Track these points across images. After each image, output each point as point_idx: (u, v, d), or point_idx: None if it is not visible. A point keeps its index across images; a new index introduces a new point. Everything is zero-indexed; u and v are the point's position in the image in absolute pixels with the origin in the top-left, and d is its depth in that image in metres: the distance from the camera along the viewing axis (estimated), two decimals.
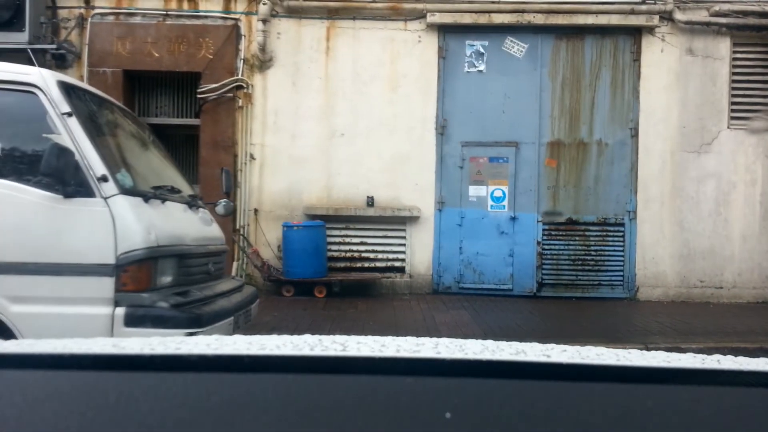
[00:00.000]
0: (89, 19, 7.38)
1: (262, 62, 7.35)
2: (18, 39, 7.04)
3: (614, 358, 0.78)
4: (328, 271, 7.14)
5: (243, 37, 7.35)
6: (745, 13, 7.33)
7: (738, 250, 7.43)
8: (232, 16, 7.35)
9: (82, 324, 2.79)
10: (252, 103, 7.39)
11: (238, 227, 7.27)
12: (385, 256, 7.45)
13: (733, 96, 7.45)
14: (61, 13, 7.42)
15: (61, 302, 2.80)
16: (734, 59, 7.46)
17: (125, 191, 2.94)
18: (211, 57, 7.30)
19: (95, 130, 3.07)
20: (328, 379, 0.71)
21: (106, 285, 2.82)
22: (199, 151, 7.41)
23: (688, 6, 7.37)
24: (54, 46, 7.17)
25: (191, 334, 2.86)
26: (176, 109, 7.69)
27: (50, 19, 7.34)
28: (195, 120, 7.49)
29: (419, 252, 7.45)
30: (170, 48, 7.31)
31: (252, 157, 7.40)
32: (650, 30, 7.35)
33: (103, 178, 2.87)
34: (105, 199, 2.86)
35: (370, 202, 7.36)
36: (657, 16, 7.31)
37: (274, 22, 7.34)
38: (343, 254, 7.39)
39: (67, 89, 3.05)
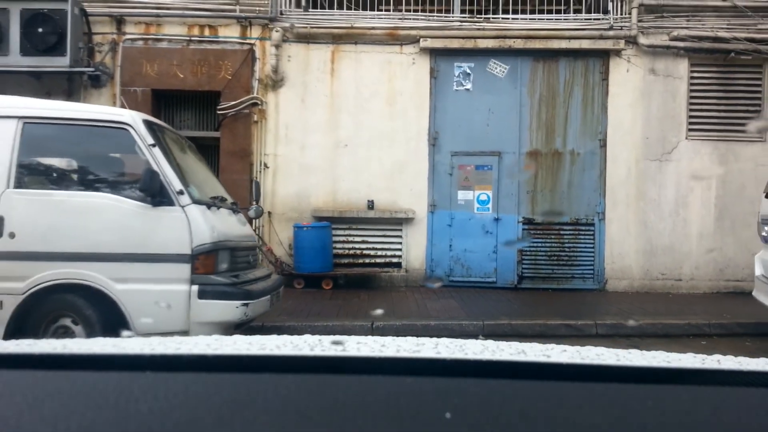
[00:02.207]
0: (121, 44, 8.53)
1: (275, 82, 8.51)
2: (61, 63, 8.15)
3: (614, 358, 0.80)
4: (333, 266, 8.30)
5: (258, 60, 8.51)
6: (700, 38, 8.50)
7: (695, 246, 8.61)
8: (248, 41, 8.51)
9: (167, 297, 3.96)
10: (266, 118, 8.55)
11: (254, 228, 8.42)
12: (384, 253, 8.62)
13: (691, 110, 8.63)
14: (96, 39, 8.55)
15: (152, 282, 3.96)
16: (692, 78, 8.64)
17: (195, 201, 4.11)
18: (229, 78, 8.46)
19: (171, 156, 4.23)
20: (328, 379, 0.72)
21: (184, 269, 3.99)
22: (219, 161, 8.56)
23: (651, 31, 8.55)
24: (91, 69, 8.30)
25: (245, 305, 4.05)
26: (198, 123, 8.85)
27: (86, 44, 8.47)
28: (215, 133, 8.64)
29: (414, 249, 8.62)
30: (193, 70, 8.47)
31: (266, 166, 8.57)
32: (617, 53, 8.53)
33: (180, 192, 4.04)
34: (182, 207, 4.03)
35: (371, 205, 8.53)
36: (623, 41, 8.49)
37: (285, 46, 8.51)
38: (346, 251, 8.56)
39: (149, 125, 4.22)
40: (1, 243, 3.93)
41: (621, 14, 8.54)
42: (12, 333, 3.91)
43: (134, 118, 4.17)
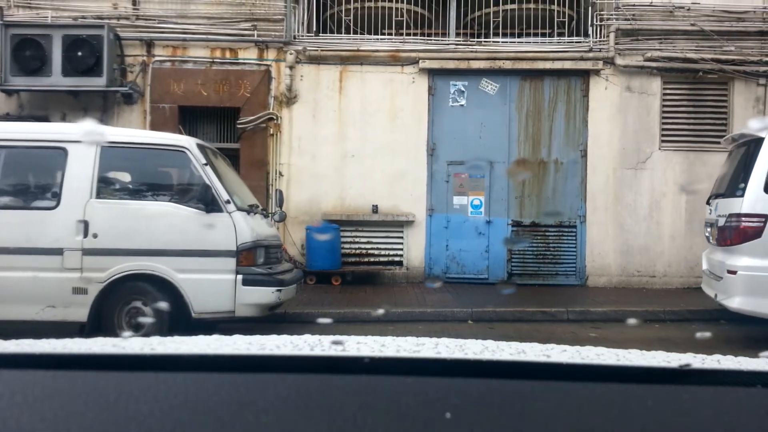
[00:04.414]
0: (151, 65, 9.73)
1: (289, 99, 9.71)
2: (98, 83, 9.31)
3: (614, 358, 0.85)
4: (342, 264, 9.48)
5: (273, 79, 9.71)
6: (671, 59, 9.68)
7: (668, 246, 9.77)
8: (265, 63, 9.72)
9: (218, 284, 5.14)
10: (281, 132, 9.75)
11: None
12: (387, 252, 9.80)
13: (663, 124, 9.80)
14: (128, 61, 9.74)
15: (206, 272, 5.14)
16: (664, 94, 9.81)
17: (238, 209, 5.30)
18: (248, 95, 9.66)
19: (218, 172, 5.42)
20: (328, 379, 0.75)
21: (231, 262, 5.17)
22: (238, 170, 9.73)
23: (626, 53, 9.73)
24: (125, 88, 9.50)
25: (279, 290, 5.23)
26: (220, 136, 10.04)
27: (120, 65, 9.66)
28: (235, 144, 9.82)
29: (414, 249, 9.80)
30: (216, 88, 9.66)
31: (280, 174, 9.76)
32: (596, 72, 9.71)
33: (227, 202, 5.23)
34: (229, 213, 5.22)
35: (375, 209, 9.70)
36: (601, 62, 9.67)
37: (298, 67, 9.71)
38: (353, 251, 9.74)
39: (201, 148, 5.41)
40: (87, 242, 5.12)
41: (600, 38, 9.72)
42: (95, 312, 5.10)
43: (190, 143, 5.36)
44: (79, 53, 9.27)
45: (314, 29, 9.88)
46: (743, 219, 5.60)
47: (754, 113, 9.76)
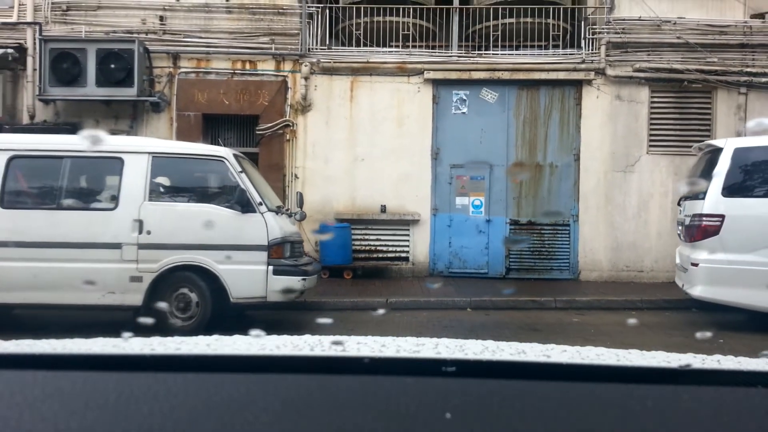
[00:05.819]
0: (177, 76, 10.79)
1: (304, 107, 10.76)
2: (129, 93, 10.38)
3: (614, 358, 0.87)
4: (353, 260, 10.51)
5: (290, 89, 10.76)
6: (659, 69, 10.67)
7: (655, 243, 10.77)
8: (282, 74, 10.77)
9: (253, 274, 6.18)
10: (296, 137, 10.80)
11: None
12: (394, 249, 10.84)
13: (651, 130, 10.80)
14: (156, 72, 10.81)
15: (242, 263, 6.19)
16: (651, 102, 10.81)
17: (269, 209, 6.35)
18: (266, 104, 10.71)
19: (251, 178, 6.47)
20: (328, 379, 0.77)
21: (263, 255, 6.22)
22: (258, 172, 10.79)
23: (617, 64, 10.73)
24: (153, 98, 10.56)
25: (304, 279, 6.28)
26: (240, 141, 11.09)
27: (148, 76, 10.73)
28: (254, 149, 10.87)
29: (419, 246, 10.83)
30: (236, 97, 10.72)
31: (296, 177, 10.81)
32: (588, 82, 10.72)
33: (260, 204, 6.28)
34: (261, 214, 6.27)
35: (383, 209, 10.74)
36: (593, 72, 10.68)
37: (312, 78, 10.75)
38: (363, 247, 10.79)
39: (236, 157, 6.46)
40: (142, 237, 6.19)
41: (592, 50, 10.73)
42: (149, 296, 6.15)
43: (228, 153, 6.41)
44: (112, 65, 10.34)
45: (327, 43, 10.92)
46: (704, 218, 6.61)
47: (735, 120, 10.75)
